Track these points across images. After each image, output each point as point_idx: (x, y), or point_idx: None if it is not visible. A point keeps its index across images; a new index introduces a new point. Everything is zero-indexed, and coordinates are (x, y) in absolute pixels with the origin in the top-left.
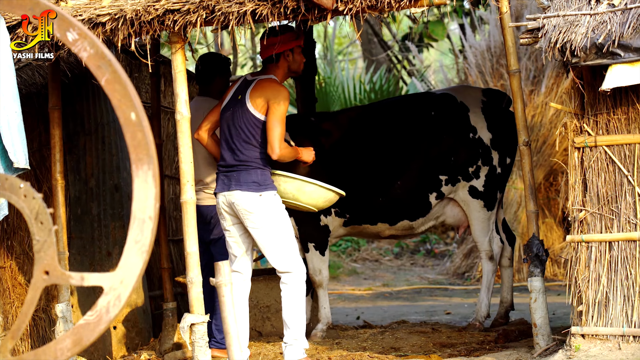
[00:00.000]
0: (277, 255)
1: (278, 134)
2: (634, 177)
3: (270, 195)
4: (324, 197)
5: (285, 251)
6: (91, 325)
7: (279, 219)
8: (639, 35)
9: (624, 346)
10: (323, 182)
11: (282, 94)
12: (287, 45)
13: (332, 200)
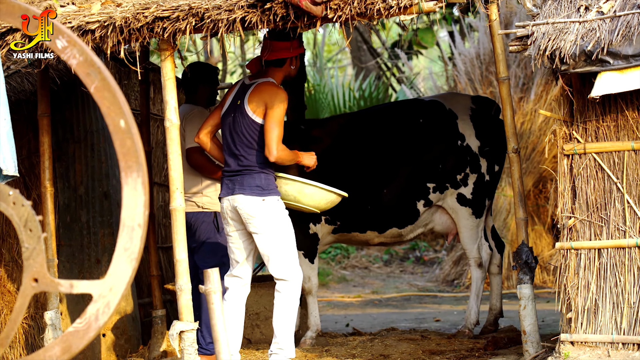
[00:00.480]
0: (276, 261)
1: (275, 136)
2: (623, 184)
3: (274, 200)
4: (325, 199)
5: (283, 258)
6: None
7: (280, 225)
8: (628, 42)
9: (613, 353)
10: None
11: (279, 96)
12: (296, 51)
13: (334, 201)
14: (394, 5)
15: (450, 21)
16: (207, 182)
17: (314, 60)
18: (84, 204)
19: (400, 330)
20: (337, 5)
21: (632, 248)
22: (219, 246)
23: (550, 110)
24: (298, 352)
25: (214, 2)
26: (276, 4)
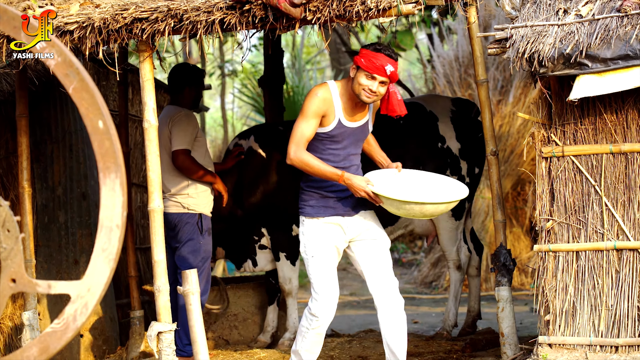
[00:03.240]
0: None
1: (291, 135)
2: (601, 187)
3: (301, 219)
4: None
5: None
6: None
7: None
8: (607, 45)
9: (590, 356)
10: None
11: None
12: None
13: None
14: (373, 8)
15: (429, 24)
16: (193, 184)
17: (292, 62)
18: (62, 204)
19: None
20: (316, 7)
21: (610, 251)
22: (200, 248)
23: (529, 113)
24: (276, 354)
25: (192, 3)
26: (255, 6)
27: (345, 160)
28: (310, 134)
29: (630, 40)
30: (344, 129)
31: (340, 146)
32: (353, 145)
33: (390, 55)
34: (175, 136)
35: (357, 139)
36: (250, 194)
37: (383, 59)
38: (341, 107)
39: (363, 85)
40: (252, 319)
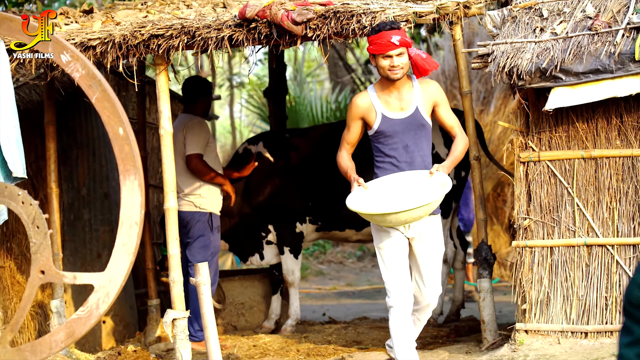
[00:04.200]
0: None
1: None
2: (573, 189)
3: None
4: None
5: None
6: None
7: (375, 244)
8: (579, 61)
9: (562, 341)
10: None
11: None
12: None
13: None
14: (367, 26)
15: (419, 40)
16: (204, 185)
17: (294, 74)
18: (86, 203)
19: (371, 319)
20: (315, 25)
21: (580, 247)
22: (210, 243)
23: (508, 121)
24: (279, 338)
25: (204, 21)
26: (261, 24)
27: (406, 154)
28: (351, 138)
29: (600, 56)
30: (390, 122)
31: (396, 139)
32: (410, 137)
33: (392, 27)
34: (189, 142)
35: (411, 130)
36: (258, 194)
37: (386, 35)
38: (381, 103)
39: (385, 66)
40: (257, 307)
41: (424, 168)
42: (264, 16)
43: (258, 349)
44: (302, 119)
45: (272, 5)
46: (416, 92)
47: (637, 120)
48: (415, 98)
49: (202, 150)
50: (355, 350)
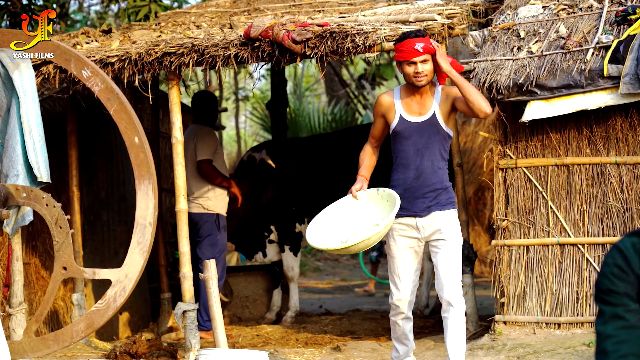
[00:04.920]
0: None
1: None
2: (547, 193)
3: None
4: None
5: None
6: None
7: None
8: (553, 77)
9: (537, 331)
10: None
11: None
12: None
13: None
14: (361, 45)
15: None
16: (212, 188)
17: (294, 89)
18: (105, 205)
19: (364, 311)
20: (313, 44)
21: (554, 245)
22: (218, 242)
23: (488, 131)
24: (280, 329)
25: (212, 40)
26: (264, 43)
27: (417, 156)
28: (376, 132)
29: (572, 72)
30: (407, 124)
31: (410, 142)
32: (423, 141)
33: (416, 34)
34: (200, 149)
35: (424, 134)
36: (262, 197)
37: (410, 42)
38: (401, 105)
39: (410, 73)
40: (260, 300)
41: (432, 172)
42: (266, 36)
43: (261, 338)
44: (301, 129)
45: (274, 26)
46: (436, 98)
47: (605, 131)
48: (435, 104)
49: (212, 156)
50: (349, 339)
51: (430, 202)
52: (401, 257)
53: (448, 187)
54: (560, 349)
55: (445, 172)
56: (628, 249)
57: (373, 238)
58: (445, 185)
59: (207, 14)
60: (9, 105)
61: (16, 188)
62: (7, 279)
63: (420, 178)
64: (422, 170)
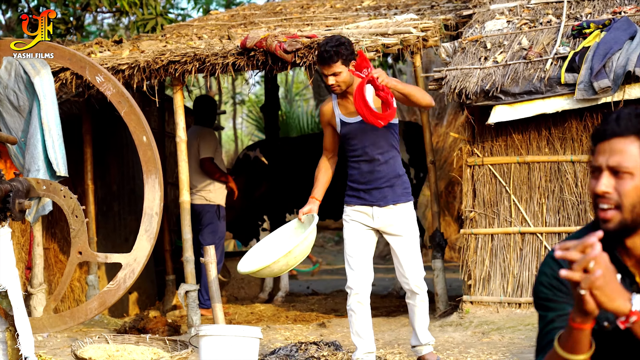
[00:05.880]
0: None
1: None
2: (510, 187)
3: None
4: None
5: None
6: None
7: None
8: (515, 84)
9: (500, 310)
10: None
11: None
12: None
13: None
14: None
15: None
16: (213, 182)
17: (285, 94)
18: (116, 197)
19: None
20: (302, 54)
21: (515, 234)
22: (218, 230)
23: (458, 132)
24: (272, 307)
25: (212, 50)
26: (258, 53)
27: (366, 152)
28: (328, 143)
29: (533, 80)
30: (349, 126)
31: (357, 140)
32: (367, 138)
33: (323, 61)
34: (203, 147)
35: (369, 131)
36: (255, 191)
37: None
38: (339, 109)
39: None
40: (254, 281)
41: (384, 163)
42: (261, 46)
43: (255, 315)
44: (292, 130)
45: (267, 37)
46: (368, 96)
47: (562, 132)
48: (368, 100)
49: (213, 154)
50: (333, 316)
51: (387, 193)
52: (355, 241)
53: (402, 175)
54: (520, 326)
55: (397, 160)
56: (565, 262)
57: (290, 256)
58: (399, 173)
59: (208, 26)
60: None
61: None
62: (29, 262)
63: (374, 171)
64: (374, 164)
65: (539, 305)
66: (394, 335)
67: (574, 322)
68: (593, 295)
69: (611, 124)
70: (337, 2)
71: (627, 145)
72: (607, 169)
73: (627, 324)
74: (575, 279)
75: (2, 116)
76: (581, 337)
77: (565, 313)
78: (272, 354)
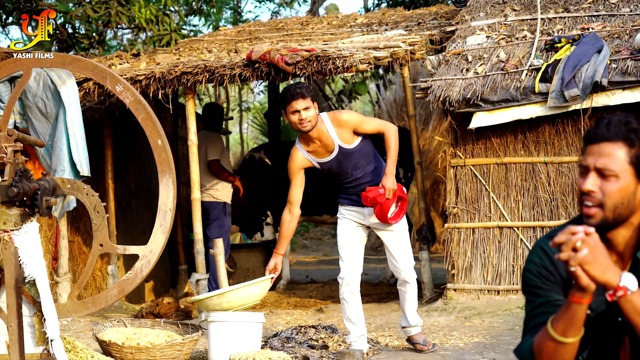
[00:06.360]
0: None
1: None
2: (489, 186)
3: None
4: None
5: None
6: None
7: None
8: (494, 93)
9: (481, 297)
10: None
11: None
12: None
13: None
14: (340, 67)
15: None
16: (220, 182)
17: None
18: (134, 195)
19: None
20: (302, 66)
21: (494, 228)
22: (224, 224)
23: (442, 136)
24: (274, 294)
25: (221, 62)
26: (262, 65)
27: (349, 175)
28: (294, 196)
29: (510, 89)
30: (326, 163)
31: (338, 171)
32: (347, 164)
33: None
34: (210, 150)
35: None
36: (260, 189)
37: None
38: (312, 156)
39: (295, 121)
40: (258, 271)
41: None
42: (264, 59)
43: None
44: (292, 134)
45: (271, 51)
46: (332, 133)
47: (536, 136)
48: (335, 139)
49: (220, 156)
50: (329, 302)
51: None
52: (348, 235)
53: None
54: (499, 311)
55: (379, 166)
56: (554, 251)
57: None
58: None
59: (217, 41)
60: (57, 114)
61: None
62: (55, 253)
63: (361, 184)
64: (359, 180)
65: (527, 291)
66: (385, 319)
67: (572, 297)
68: (585, 270)
69: (602, 129)
70: (333, 19)
71: (614, 149)
72: (594, 170)
73: (614, 297)
74: (562, 259)
75: (31, 122)
76: (578, 313)
77: (552, 299)
78: (274, 336)
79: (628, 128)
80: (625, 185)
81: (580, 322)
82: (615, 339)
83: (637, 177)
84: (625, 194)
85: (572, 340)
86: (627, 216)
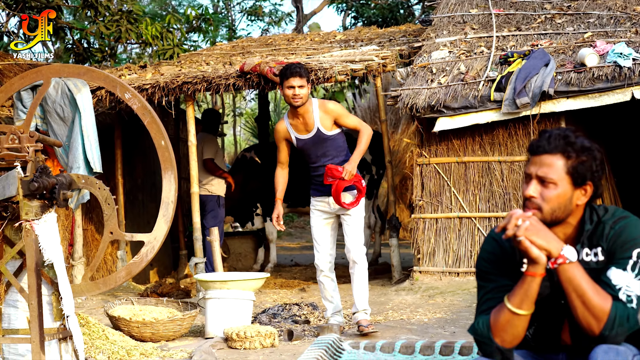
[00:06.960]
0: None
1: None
2: (450, 181)
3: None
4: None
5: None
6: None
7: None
8: (455, 100)
9: (443, 278)
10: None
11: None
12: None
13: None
14: (321, 77)
15: (354, 87)
16: (214, 178)
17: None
18: (141, 189)
19: None
20: None
21: (455, 218)
22: (218, 215)
23: (410, 138)
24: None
25: (217, 73)
26: (253, 75)
27: (319, 160)
28: (282, 158)
29: (469, 98)
30: (302, 140)
31: (310, 151)
32: (319, 148)
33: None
34: (205, 150)
35: (318, 144)
36: (251, 184)
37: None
38: (292, 129)
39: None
40: (249, 255)
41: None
42: (255, 70)
43: None
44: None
45: (261, 63)
46: (316, 115)
47: (491, 139)
48: (316, 121)
49: (214, 156)
50: (311, 283)
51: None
52: (319, 226)
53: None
54: (459, 291)
55: (346, 159)
56: (504, 241)
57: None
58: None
59: (214, 55)
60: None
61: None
62: (71, 240)
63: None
64: (324, 169)
65: (480, 277)
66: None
67: (527, 271)
68: (531, 241)
69: (543, 142)
70: (316, 36)
71: (554, 160)
72: (536, 178)
73: (555, 264)
74: (509, 235)
75: (50, 125)
76: (532, 286)
77: (502, 284)
78: (263, 312)
79: (566, 142)
80: (562, 192)
81: (533, 296)
82: (558, 320)
83: (574, 185)
84: (562, 200)
85: (526, 312)
86: (564, 218)
